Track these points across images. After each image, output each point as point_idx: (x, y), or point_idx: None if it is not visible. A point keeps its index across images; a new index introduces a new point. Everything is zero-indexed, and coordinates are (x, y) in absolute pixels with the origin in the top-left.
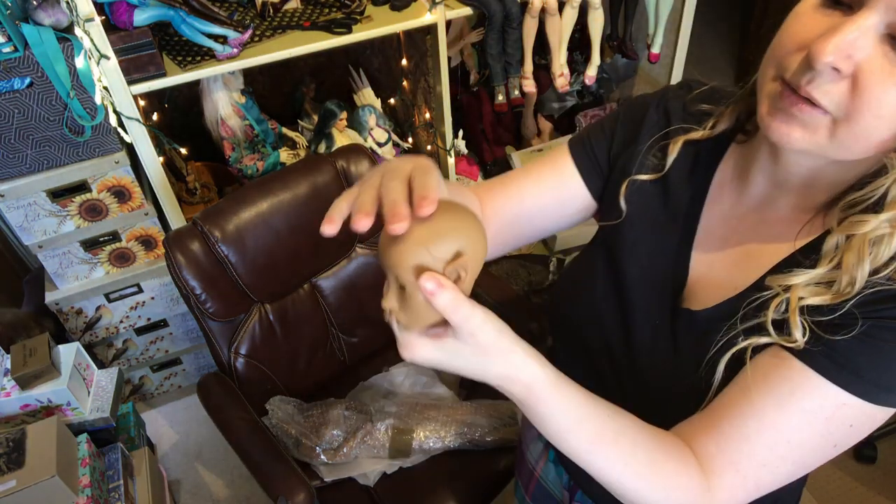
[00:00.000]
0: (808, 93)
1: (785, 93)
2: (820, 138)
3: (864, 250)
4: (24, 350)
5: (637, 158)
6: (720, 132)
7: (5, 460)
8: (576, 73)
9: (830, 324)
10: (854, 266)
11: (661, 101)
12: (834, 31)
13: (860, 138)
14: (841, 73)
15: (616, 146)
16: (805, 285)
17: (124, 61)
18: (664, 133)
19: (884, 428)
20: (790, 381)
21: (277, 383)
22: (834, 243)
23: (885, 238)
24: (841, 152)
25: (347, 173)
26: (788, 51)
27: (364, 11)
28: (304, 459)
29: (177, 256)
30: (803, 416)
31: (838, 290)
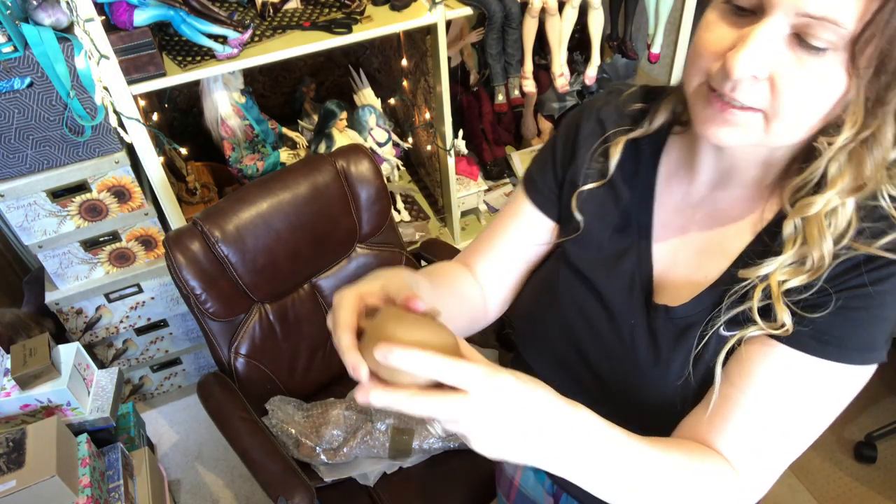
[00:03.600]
0: (734, 98)
1: (713, 98)
2: (755, 134)
3: (822, 225)
4: (24, 350)
5: (581, 170)
6: (658, 127)
7: (5, 460)
8: (576, 73)
9: (808, 304)
10: (819, 240)
11: (592, 112)
12: (743, 43)
13: (792, 128)
14: (758, 77)
15: (559, 168)
16: (782, 270)
17: (124, 61)
18: (603, 139)
19: (884, 428)
20: (785, 367)
21: (277, 383)
22: (792, 226)
23: (837, 209)
24: (777, 141)
25: (347, 173)
26: (706, 59)
27: (364, 11)
28: (304, 459)
29: (177, 256)
30: (806, 396)
31: (812, 267)
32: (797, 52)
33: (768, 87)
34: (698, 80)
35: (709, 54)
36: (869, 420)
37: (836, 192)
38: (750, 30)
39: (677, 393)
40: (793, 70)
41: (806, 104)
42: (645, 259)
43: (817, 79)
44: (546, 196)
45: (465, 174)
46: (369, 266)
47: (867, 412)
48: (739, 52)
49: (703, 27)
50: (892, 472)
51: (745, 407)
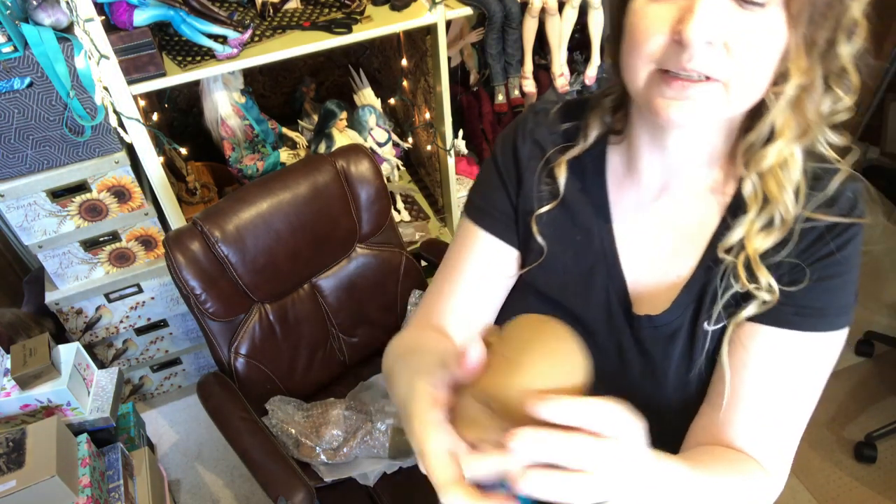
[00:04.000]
0: (694, 70)
1: (669, 80)
2: (718, 106)
3: (779, 177)
4: (24, 350)
5: (532, 194)
6: (595, 140)
7: (5, 460)
8: (576, 73)
9: (785, 282)
10: (780, 194)
11: (525, 135)
12: (691, 11)
13: (751, 90)
14: (713, 43)
15: (512, 194)
16: (755, 235)
17: (124, 61)
18: (545, 161)
19: (884, 428)
20: (779, 348)
21: (277, 383)
22: (751, 185)
23: (788, 160)
24: (738, 108)
25: (347, 173)
26: (651, 44)
27: (364, 11)
28: (304, 459)
29: (177, 256)
30: (802, 372)
31: (781, 223)
32: (742, 11)
33: (723, 53)
34: (647, 69)
35: (653, 38)
36: (869, 420)
37: (785, 141)
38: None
39: (678, 397)
40: (742, 29)
41: (760, 62)
42: (615, 272)
43: (765, 34)
44: (504, 223)
45: (465, 174)
46: (369, 266)
47: (867, 412)
48: (692, 20)
49: (634, 15)
50: (892, 472)
51: (753, 398)
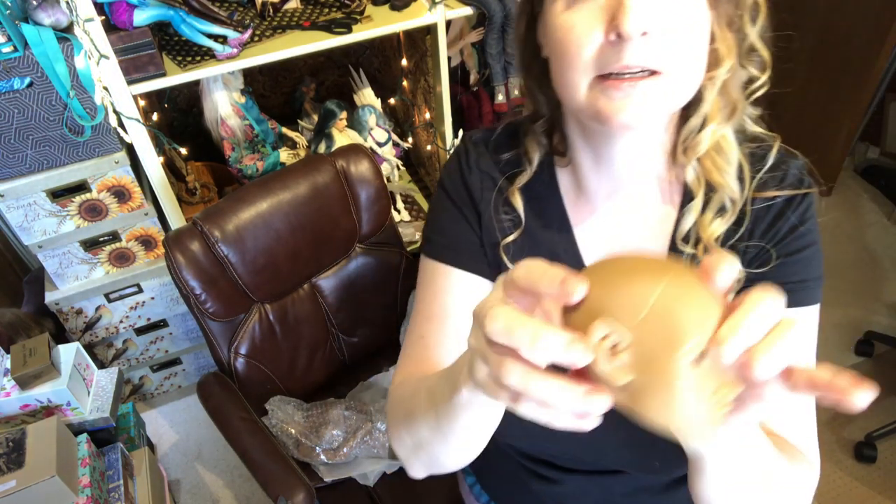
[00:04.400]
0: (637, 64)
1: (614, 83)
2: (665, 99)
3: (716, 160)
4: (24, 350)
5: (493, 225)
6: (539, 163)
7: (5, 460)
8: None
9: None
10: (721, 177)
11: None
12: (622, 5)
13: (692, 76)
14: (649, 33)
15: (474, 225)
16: (709, 223)
17: (124, 61)
18: (498, 190)
19: (884, 428)
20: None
21: (277, 383)
22: (692, 172)
23: (722, 143)
24: (682, 99)
25: (347, 173)
26: (585, 52)
27: (364, 11)
28: (304, 459)
29: (177, 256)
30: (800, 350)
31: (731, 204)
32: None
33: (660, 41)
34: (587, 79)
35: (587, 44)
36: (869, 420)
37: (717, 123)
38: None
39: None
40: (672, 11)
41: (695, 45)
42: None
43: (692, 16)
44: (474, 257)
45: None
46: (369, 266)
47: (867, 412)
48: (628, 12)
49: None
50: (892, 472)
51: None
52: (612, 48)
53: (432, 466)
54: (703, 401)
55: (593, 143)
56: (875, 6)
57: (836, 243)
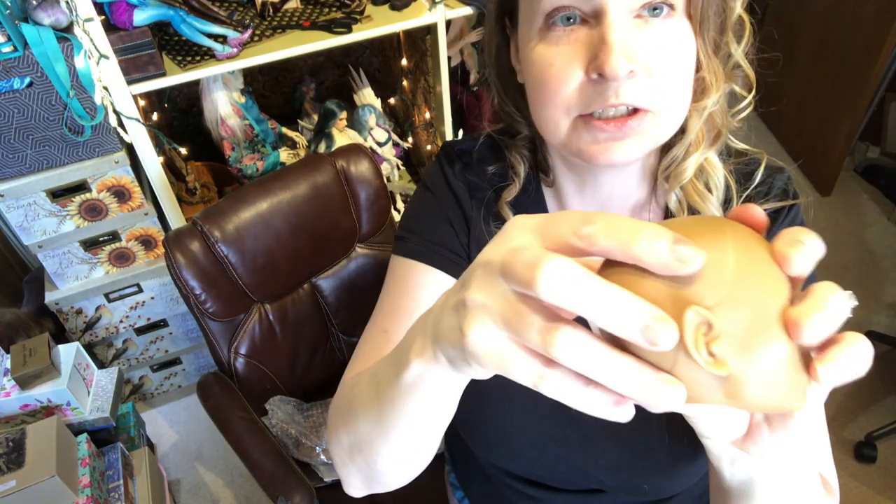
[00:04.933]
0: (623, 103)
1: (599, 124)
2: (652, 135)
3: (699, 187)
4: (24, 350)
5: (484, 239)
6: (525, 177)
7: (5, 460)
8: None
9: None
10: (703, 203)
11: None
12: (605, 45)
13: (678, 110)
14: (634, 72)
15: (460, 233)
16: None
17: (124, 61)
18: (486, 202)
19: (884, 428)
20: None
21: (277, 383)
22: (675, 199)
23: (705, 167)
24: (669, 132)
25: (347, 173)
26: (567, 89)
27: (364, 11)
28: (304, 459)
29: (176, 256)
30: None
31: None
32: (648, 29)
33: (645, 79)
34: (568, 118)
35: (567, 82)
36: (869, 420)
37: (700, 151)
38: (600, 31)
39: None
40: (656, 47)
41: (680, 78)
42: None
43: (676, 45)
44: (454, 263)
45: None
46: (369, 266)
47: (867, 412)
48: (612, 53)
49: (537, 65)
50: (892, 472)
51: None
52: (594, 87)
53: (370, 476)
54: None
55: (576, 171)
56: (875, 6)
57: (836, 243)
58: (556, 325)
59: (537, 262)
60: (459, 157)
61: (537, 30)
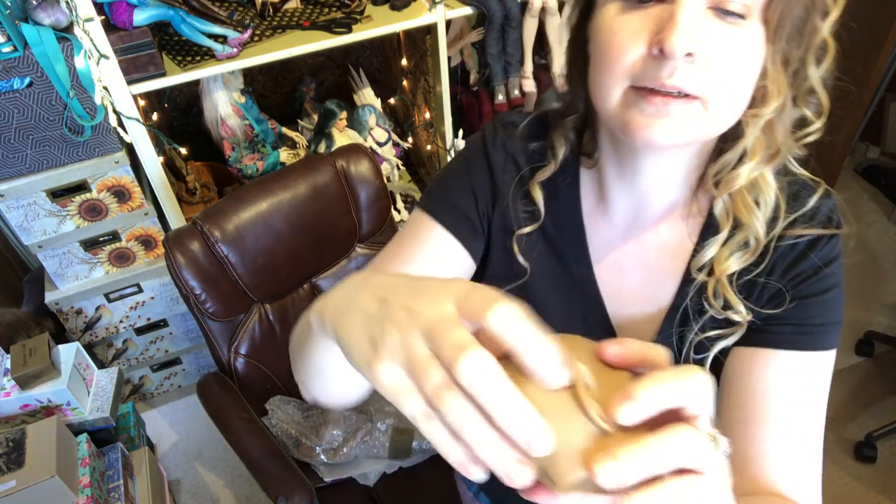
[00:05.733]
0: (674, 86)
1: (647, 96)
2: (697, 125)
3: (747, 200)
4: (24, 350)
5: (510, 212)
6: (563, 159)
7: (5, 460)
8: None
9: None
10: (748, 216)
11: (496, 143)
12: (672, 21)
13: (730, 109)
14: (694, 56)
15: (483, 203)
16: (726, 258)
17: (124, 61)
18: (520, 178)
19: (884, 428)
20: (784, 372)
21: (277, 383)
22: (721, 205)
23: (759, 182)
24: (716, 129)
25: (347, 173)
26: (626, 60)
27: (364, 11)
28: (304, 459)
29: (177, 256)
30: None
31: (752, 247)
32: (721, 23)
33: (703, 67)
34: (621, 87)
35: (628, 52)
36: (869, 420)
37: (755, 162)
38: (671, 8)
39: None
40: (722, 43)
41: (740, 79)
42: (596, 302)
43: (745, 48)
44: (470, 227)
45: None
46: None
47: (867, 412)
48: (675, 30)
49: (605, 31)
50: (892, 472)
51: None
52: (652, 62)
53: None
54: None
55: (620, 153)
56: (874, 7)
57: None
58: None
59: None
60: (505, 128)
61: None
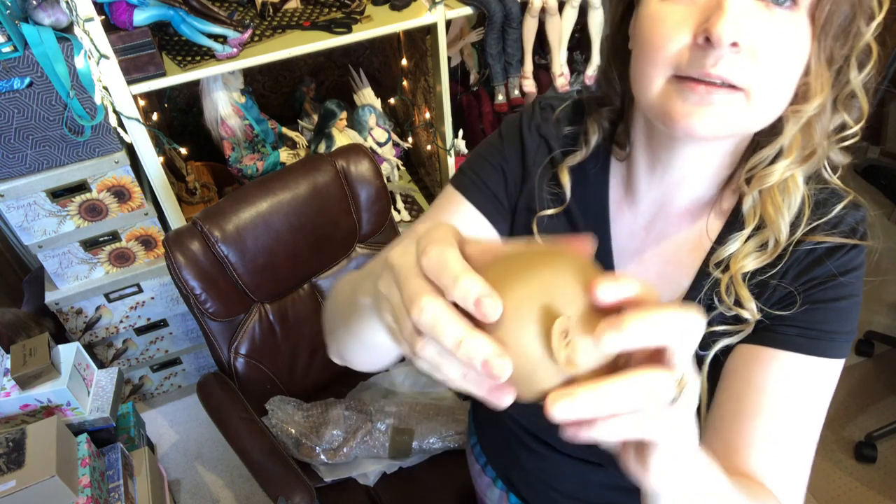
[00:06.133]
0: (719, 76)
1: (691, 85)
2: (739, 117)
3: (777, 199)
4: (24, 350)
5: (536, 193)
6: (595, 146)
7: (5, 460)
8: (576, 73)
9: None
10: (775, 215)
11: (531, 125)
12: (720, 9)
13: (773, 103)
14: (739, 46)
15: (511, 183)
16: (744, 256)
17: (124, 61)
18: (550, 161)
19: (884, 428)
20: (784, 373)
21: (277, 383)
22: (751, 202)
23: (789, 183)
24: (758, 123)
25: (347, 173)
26: (670, 48)
27: (364, 11)
28: (304, 459)
29: (177, 256)
30: (809, 399)
31: (774, 245)
32: (769, 14)
33: (748, 58)
34: (663, 76)
35: (672, 41)
36: (869, 420)
37: (790, 161)
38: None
39: None
40: (769, 33)
41: (785, 72)
42: None
43: (791, 41)
44: (496, 205)
45: None
46: None
47: (867, 412)
48: (723, 17)
49: (648, 19)
50: (892, 472)
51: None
52: (697, 51)
53: (338, 351)
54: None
55: (654, 146)
56: None
57: None
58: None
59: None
60: (543, 111)
61: None
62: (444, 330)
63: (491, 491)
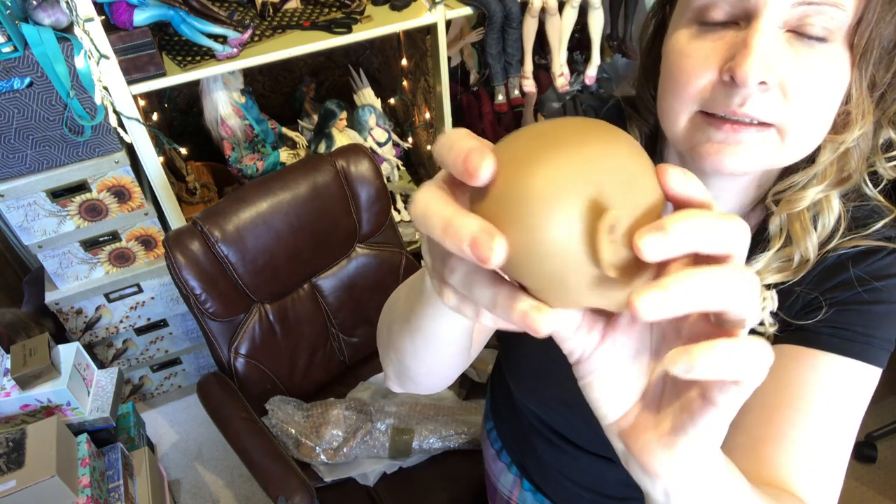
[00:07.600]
0: (746, 114)
1: (717, 123)
2: (772, 153)
3: (805, 221)
4: (24, 350)
5: None
6: None
7: (5, 460)
8: (576, 73)
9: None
10: (803, 238)
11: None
12: (746, 48)
13: (809, 138)
14: (768, 85)
15: None
16: (766, 269)
17: (124, 61)
18: None
19: (884, 428)
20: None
21: (277, 383)
22: (777, 223)
23: (823, 204)
24: (792, 158)
25: (347, 173)
26: (695, 84)
27: (364, 11)
28: (304, 459)
29: (177, 256)
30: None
31: (798, 264)
32: (797, 49)
33: (779, 96)
34: (689, 112)
35: (698, 78)
36: (869, 420)
37: (824, 186)
38: (745, 34)
39: None
40: (799, 69)
41: (820, 107)
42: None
43: (826, 74)
44: None
45: None
46: (369, 266)
47: (867, 412)
48: (749, 57)
49: (676, 56)
50: (892, 472)
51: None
52: (722, 89)
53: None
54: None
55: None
56: None
57: None
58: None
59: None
60: (584, 113)
61: (686, 20)
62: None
63: (504, 476)
